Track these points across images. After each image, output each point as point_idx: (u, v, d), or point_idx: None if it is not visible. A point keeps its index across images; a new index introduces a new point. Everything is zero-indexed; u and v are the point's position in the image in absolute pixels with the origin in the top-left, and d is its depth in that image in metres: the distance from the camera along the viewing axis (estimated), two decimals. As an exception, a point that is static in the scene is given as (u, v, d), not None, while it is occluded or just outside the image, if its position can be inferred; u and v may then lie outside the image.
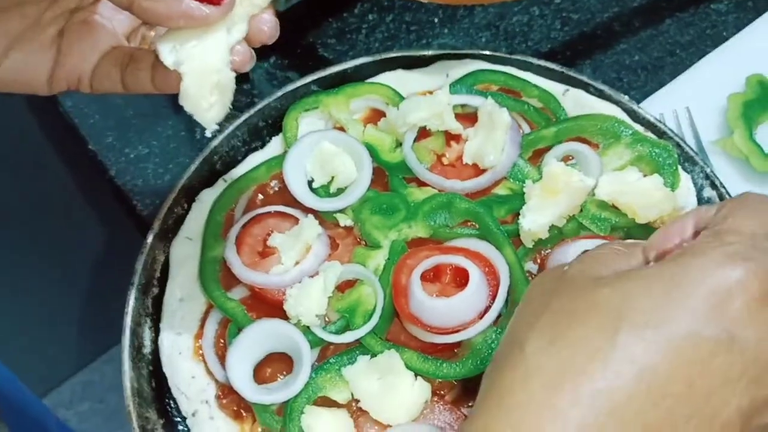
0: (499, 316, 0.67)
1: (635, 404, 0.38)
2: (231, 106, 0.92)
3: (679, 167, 0.76)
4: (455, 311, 0.65)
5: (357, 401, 0.66)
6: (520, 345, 0.41)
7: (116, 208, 0.92)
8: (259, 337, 0.68)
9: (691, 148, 0.78)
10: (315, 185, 0.77)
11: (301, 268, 0.71)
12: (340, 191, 0.77)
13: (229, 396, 0.69)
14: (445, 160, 0.78)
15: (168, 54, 0.49)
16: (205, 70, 0.49)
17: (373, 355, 0.67)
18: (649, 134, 0.78)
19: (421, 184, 0.77)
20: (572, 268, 0.44)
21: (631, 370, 0.38)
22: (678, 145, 0.78)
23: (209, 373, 0.70)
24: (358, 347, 0.68)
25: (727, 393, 0.39)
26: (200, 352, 0.72)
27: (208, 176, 0.81)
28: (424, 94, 0.81)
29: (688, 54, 0.93)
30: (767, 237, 0.42)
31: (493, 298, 0.67)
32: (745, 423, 0.39)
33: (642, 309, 0.40)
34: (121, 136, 0.92)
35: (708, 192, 0.76)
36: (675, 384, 0.38)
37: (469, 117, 0.79)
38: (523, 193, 0.74)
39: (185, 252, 0.76)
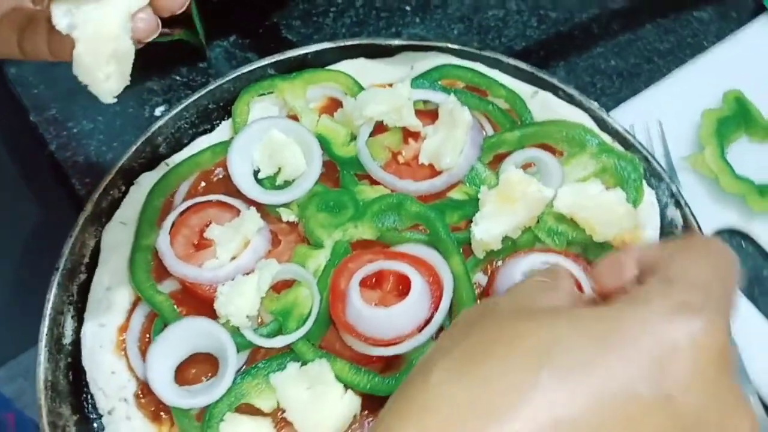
0: (441, 329, 0.64)
1: None
2: (184, 85, 0.88)
3: (644, 182, 0.72)
4: (394, 322, 0.61)
5: (282, 411, 0.62)
6: (428, 372, 0.36)
7: (53, 187, 0.87)
8: (185, 335, 0.64)
9: (659, 164, 0.74)
10: (261, 176, 0.73)
11: (237, 264, 0.67)
12: (287, 184, 0.72)
13: (148, 395, 0.64)
14: (400, 159, 0.74)
15: (62, 17, 0.44)
16: (100, 36, 0.44)
17: (304, 363, 0.63)
18: (617, 145, 0.74)
19: (374, 182, 0.72)
20: (503, 299, 0.40)
21: (549, 419, 0.33)
22: (645, 159, 0.74)
23: (131, 369, 0.66)
24: (290, 353, 0.64)
25: None
26: (123, 346, 0.67)
27: (151, 158, 0.76)
28: (384, 87, 0.76)
29: (665, 62, 0.89)
30: (722, 287, 0.38)
31: (436, 309, 0.63)
32: None
33: (572, 351, 0.35)
34: (65, 109, 0.87)
35: (672, 211, 0.72)
36: None
37: (430, 114, 0.75)
38: (479, 199, 0.70)
39: (118, 238, 0.72)
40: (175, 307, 0.67)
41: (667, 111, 0.82)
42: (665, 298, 0.37)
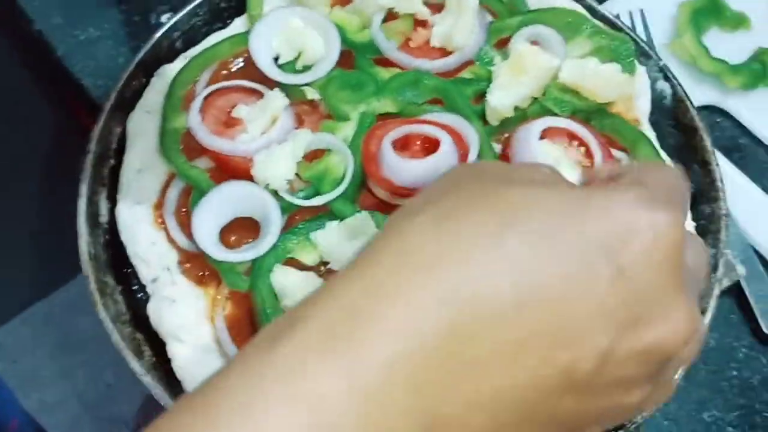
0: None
1: (499, 302, 0.35)
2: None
3: (635, 59, 0.79)
4: (427, 172, 0.65)
5: (326, 263, 0.66)
6: (405, 223, 0.38)
7: (64, 99, 0.88)
8: (226, 199, 0.67)
9: (646, 44, 0.81)
10: (281, 62, 0.76)
11: (269, 137, 0.70)
12: (306, 69, 0.76)
13: (192, 261, 0.67)
14: (412, 44, 0.78)
15: None
16: None
17: (342, 220, 0.67)
18: (608, 29, 0.81)
19: (389, 65, 0.77)
20: (493, 165, 0.42)
21: (507, 268, 0.35)
22: (634, 41, 0.81)
23: (171, 240, 0.69)
24: (326, 214, 0.68)
25: (594, 325, 0.36)
26: (160, 220, 0.69)
27: (167, 53, 0.79)
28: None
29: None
30: (683, 198, 0.42)
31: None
32: (598, 366, 0.36)
33: (537, 217, 0.37)
34: (70, 16, 0.88)
35: (661, 84, 0.79)
36: (546, 294, 0.35)
37: (436, 6, 0.80)
38: (489, 78, 0.75)
39: (143, 125, 0.74)
40: (211, 180, 0.69)
41: (647, 4, 0.89)
42: (634, 191, 0.39)
